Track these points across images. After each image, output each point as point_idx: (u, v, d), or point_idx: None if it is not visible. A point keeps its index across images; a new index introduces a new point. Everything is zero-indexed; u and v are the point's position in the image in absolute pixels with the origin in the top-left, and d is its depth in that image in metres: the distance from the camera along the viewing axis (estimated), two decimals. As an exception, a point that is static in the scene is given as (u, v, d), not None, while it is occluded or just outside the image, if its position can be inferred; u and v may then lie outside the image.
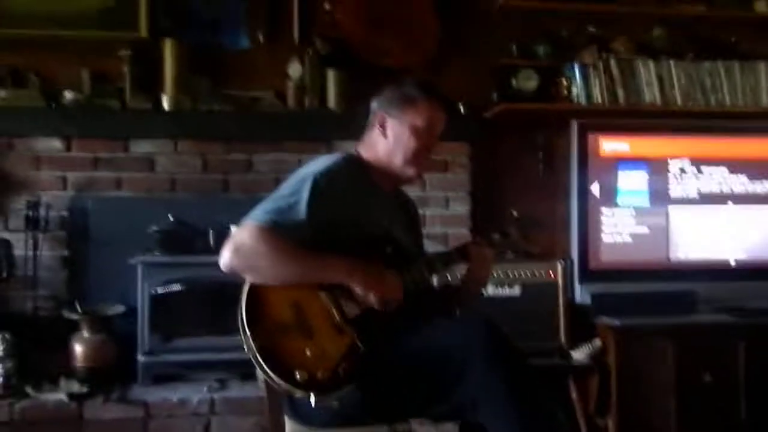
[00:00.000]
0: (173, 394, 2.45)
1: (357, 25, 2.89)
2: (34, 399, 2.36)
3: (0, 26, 2.64)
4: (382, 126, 1.71)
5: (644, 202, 2.91)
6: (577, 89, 2.94)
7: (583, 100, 2.93)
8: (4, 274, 2.54)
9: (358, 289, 1.53)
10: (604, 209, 2.87)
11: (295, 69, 2.87)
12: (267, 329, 1.47)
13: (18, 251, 2.60)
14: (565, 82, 2.96)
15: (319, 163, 1.65)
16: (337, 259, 1.54)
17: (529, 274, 2.69)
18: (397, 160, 1.69)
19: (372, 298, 1.53)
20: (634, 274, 2.85)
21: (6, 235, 2.62)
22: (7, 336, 2.39)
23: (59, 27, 2.64)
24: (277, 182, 2.70)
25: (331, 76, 2.88)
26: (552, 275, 2.71)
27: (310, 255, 1.52)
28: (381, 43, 2.90)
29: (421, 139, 1.68)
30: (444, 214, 2.94)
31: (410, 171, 1.70)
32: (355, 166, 1.70)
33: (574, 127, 2.88)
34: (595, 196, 2.86)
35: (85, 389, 2.40)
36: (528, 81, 2.96)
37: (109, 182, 2.75)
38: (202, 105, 2.78)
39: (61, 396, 2.37)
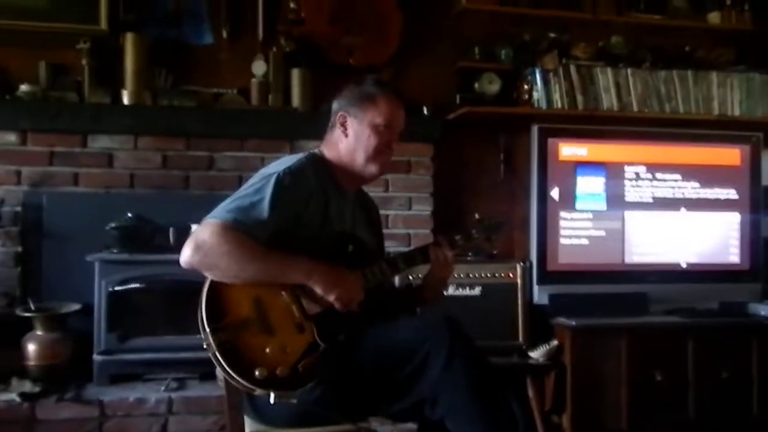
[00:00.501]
0: (130, 393, 2.42)
1: (321, 22, 2.89)
2: (-16, 399, 2.30)
3: (-48, 15, 2.56)
4: (343, 125, 1.72)
5: (601, 206, 2.98)
6: (538, 93, 2.99)
7: (543, 105, 2.99)
8: (-46, 270, 2.47)
9: (318, 290, 1.54)
10: (562, 213, 2.94)
11: (259, 66, 2.86)
12: (227, 326, 1.47)
13: (-31, 247, 2.54)
14: (526, 86, 3.02)
15: (283, 162, 1.65)
16: (298, 260, 1.54)
17: (489, 275, 2.74)
18: (359, 159, 1.70)
19: (332, 299, 1.54)
20: (590, 276, 2.92)
21: (-44, 231, 2.55)
22: (-44, 334, 2.33)
23: (15, 17, 2.57)
24: (240, 180, 2.73)
25: (295, 74, 2.88)
26: (511, 276, 2.76)
27: (271, 255, 1.52)
28: (345, 41, 2.91)
29: (382, 136, 1.70)
30: (407, 215, 2.96)
31: (372, 168, 1.72)
32: (319, 165, 1.70)
33: (535, 131, 2.93)
34: (554, 200, 2.92)
35: (37, 389, 2.35)
36: (490, 84, 3.01)
37: (65, 177, 2.69)
38: (163, 100, 2.75)
39: (12, 396, 2.31)
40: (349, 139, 1.71)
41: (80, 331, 2.54)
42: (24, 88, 2.64)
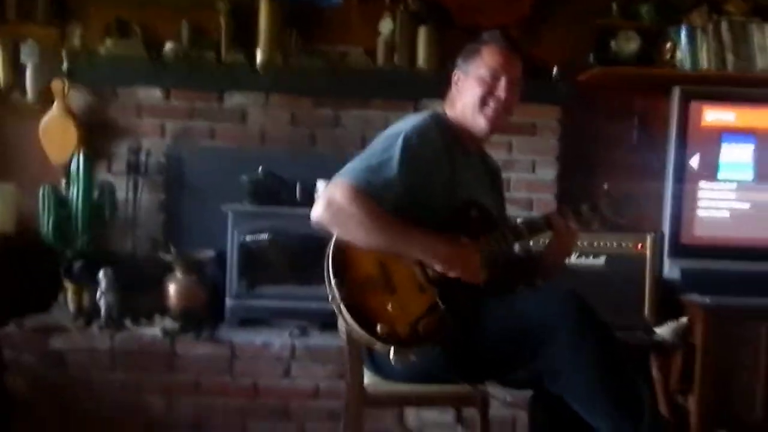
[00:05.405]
0: (257, 337, 2.57)
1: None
2: (132, 332, 2.54)
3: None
4: (456, 83, 1.72)
5: (748, 176, 2.74)
6: (682, 53, 2.77)
7: (687, 66, 2.77)
8: (108, 215, 2.72)
9: (438, 269, 1.54)
10: (702, 182, 2.73)
11: (386, 24, 2.85)
12: (352, 282, 1.51)
13: (120, 194, 2.77)
14: (669, 46, 2.80)
15: (408, 121, 1.65)
16: (423, 237, 1.53)
17: (615, 245, 2.61)
18: (468, 113, 1.68)
19: (452, 276, 1.54)
20: (730, 252, 2.71)
21: (110, 178, 2.79)
22: (109, 272, 2.57)
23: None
24: (364, 140, 2.77)
25: (421, 33, 2.85)
26: (640, 247, 2.62)
27: (397, 228, 1.52)
28: (474, 1, 2.83)
29: (485, 86, 1.66)
30: (530, 179, 2.88)
31: (479, 120, 1.67)
32: (442, 124, 1.69)
33: (676, 93, 2.73)
34: (693, 168, 2.72)
35: (177, 326, 2.56)
36: (628, 43, 2.82)
37: (203, 132, 2.86)
38: (293, 60, 2.82)
39: (156, 331, 2.53)
40: (461, 95, 1.70)
41: (214, 276, 2.72)
42: (168, 46, 2.81)
